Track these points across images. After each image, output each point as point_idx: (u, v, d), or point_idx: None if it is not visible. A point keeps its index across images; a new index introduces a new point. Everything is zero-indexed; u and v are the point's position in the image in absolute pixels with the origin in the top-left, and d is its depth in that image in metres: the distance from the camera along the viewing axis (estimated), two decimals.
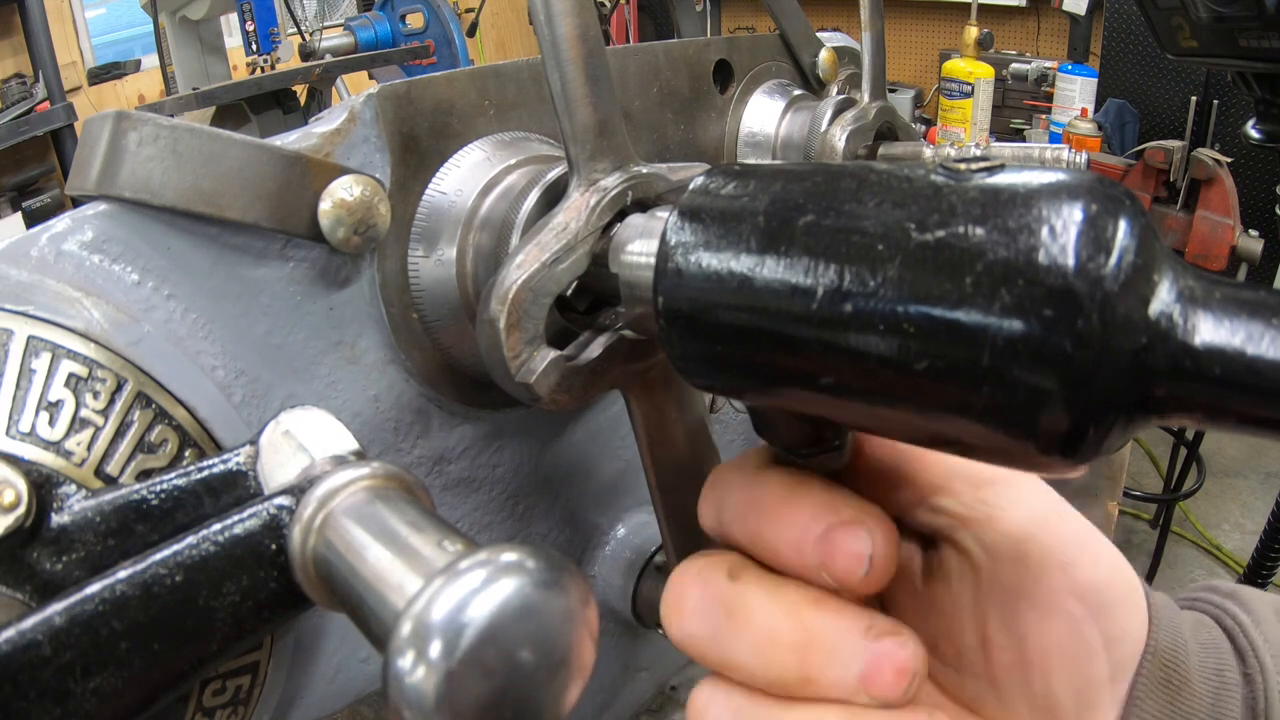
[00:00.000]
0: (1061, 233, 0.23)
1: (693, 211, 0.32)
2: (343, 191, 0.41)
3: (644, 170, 0.41)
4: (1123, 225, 0.23)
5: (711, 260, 0.30)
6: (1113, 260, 0.23)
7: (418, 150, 0.46)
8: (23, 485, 0.29)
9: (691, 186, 0.33)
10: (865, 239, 0.26)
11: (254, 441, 0.32)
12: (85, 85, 3.19)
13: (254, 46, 2.41)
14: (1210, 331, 0.23)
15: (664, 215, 0.35)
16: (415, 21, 2.83)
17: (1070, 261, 0.23)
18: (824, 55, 0.74)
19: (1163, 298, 0.24)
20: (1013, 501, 0.34)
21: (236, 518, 0.28)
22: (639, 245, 0.37)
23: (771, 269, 0.28)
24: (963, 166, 0.26)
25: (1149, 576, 2.33)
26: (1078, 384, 0.23)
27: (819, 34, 0.76)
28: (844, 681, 0.30)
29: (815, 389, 0.29)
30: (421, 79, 0.46)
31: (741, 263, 0.29)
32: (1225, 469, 2.75)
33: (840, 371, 0.27)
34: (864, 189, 0.28)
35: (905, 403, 0.27)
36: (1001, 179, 0.26)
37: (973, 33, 2.86)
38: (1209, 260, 1.81)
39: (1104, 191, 0.24)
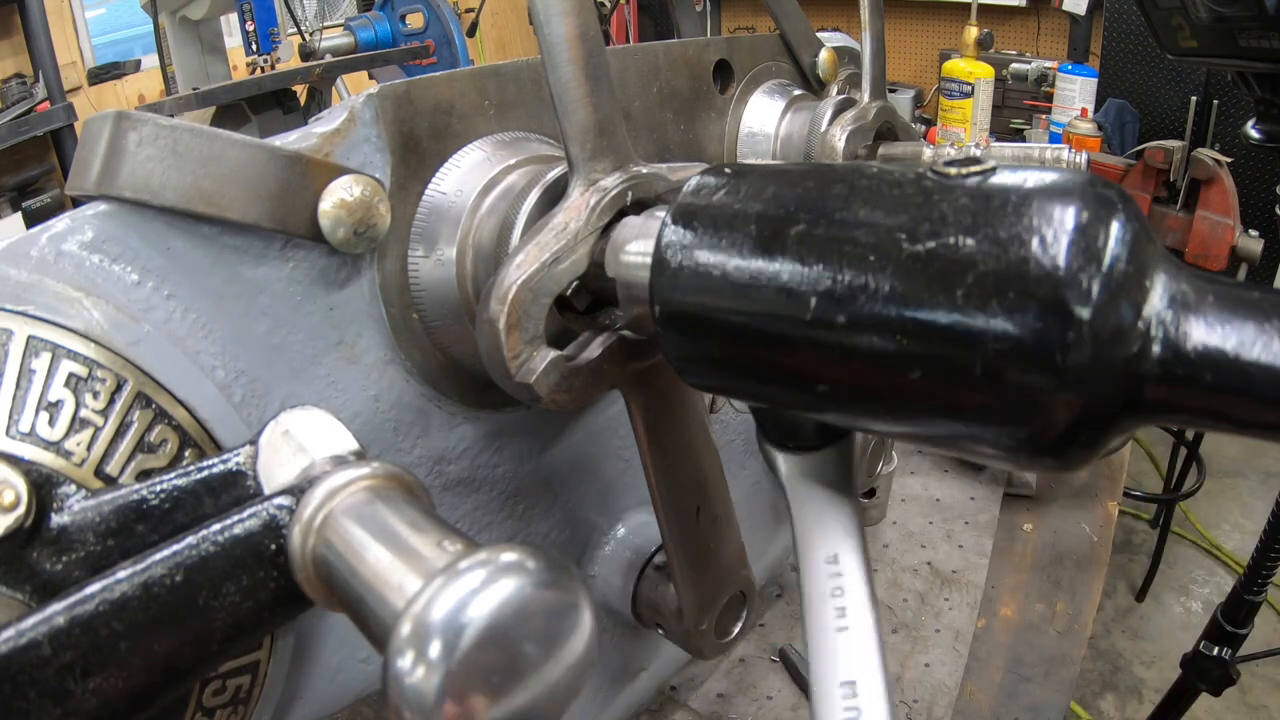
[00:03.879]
0: (1052, 243, 0.23)
1: (688, 213, 0.32)
2: (343, 191, 0.41)
3: (644, 170, 0.41)
4: (1114, 231, 0.23)
5: (707, 261, 0.30)
6: (1103, 269, 0.23)
7: (418, 150, 0.46)
8: (23, 485, 0.29)
9: (686, 188, 0.33)
10: (857, 249, 0.26)
11: (254, 441, 0.32)
12: (85, 85, 3.18)
13: (254, 46, 2.41)
14: (1202, 336, 0.23)
15: (661, 215, 0.35)
16: (415, 21, 2.83)
17: (1061, 272, 0.23)
18: (824, 55, 0.74)
19: (1155, 304, 0.24)
20: None
21: (236, 518, 0.28)
22: (636, 246, 0.37)
23: (765, 274, 0.28)
24: (954, 170, 0.26)
25: (1149, 576, 2.34)
26: (1069, 393, 0.23)
27: (819, 34, 0.76)
28: None
29: (810, 392, 0.29)
30: (421, 79, 0.46)
31: (736, 264, 0.29)
32: (1225, 469, 2.75)
33: (834, 376, 0.28)
34: (855, 195, 0.28)
35: (898, 407, 0.27)
36: (993, 183, 0.25)
37: (973, 33, 2.86)
38: (1209, 260, 1.81)
39: (1096, 195, 0.24)
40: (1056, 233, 0.23)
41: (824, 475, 0.37)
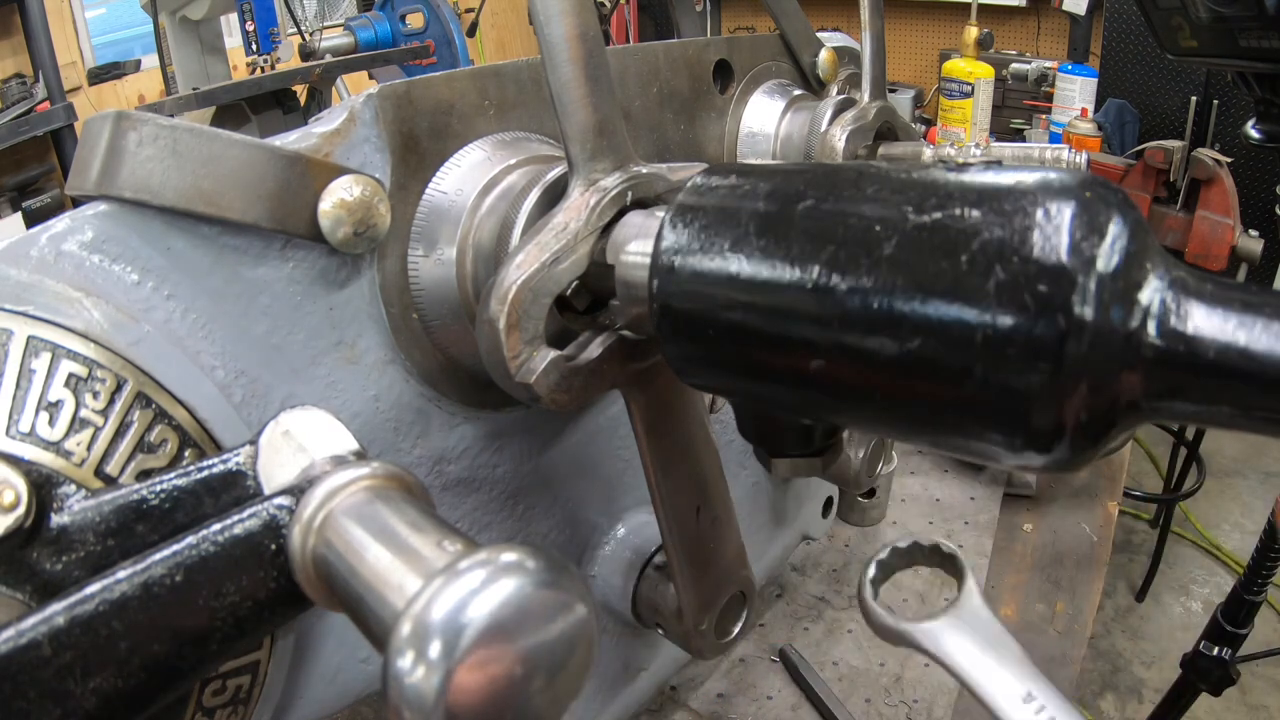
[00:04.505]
0: (1056, 214, 0.23)
1: (687, 212, 0.32)
2: (343, 191, 0.41)
3: (644, 170, 0.41)
4: (1113, 227, 0.24)
5: (706, 260, 0.30)
6: (1106, 242, 0.23)
7: (418, 150, 0.46)
8: (23, 485, 0.29)
9: (687, 186, 0.33)
10: (863, 221, 0.26)
11: (254, 441, 0.32)
12: (85, 85, 3.18)
13: (254, 46, 2.41)
14: (1203, 318, 0.23)
15: (661, 215, 0.35)
16: (415, 21, 2.83)
17: (1064, 240, 0.23)
18: (824, 55, 0.74)
19: (1155, 284, 0.24)
20: None
21: (236, 518, 0.28)
22: (636, 245, 0.37)
23: (763, 269, 0.28)
24: (960, 162, 0.27)
25: (1149, 576, 2.33)
26: (1067, 384, 0.23)
27: (819, 34, 0.76)
28: None
29: (809, 390, 0.29)
30: (421, 79, 0.46)
31: (735, 262, 0.29)
32: (1225, 469, 2.75)
33: (833, 372, 0.28)
34: (863, 179, 0.28)
35: (897, 403, 0.27)
36: (994, 178, 0.26)
37: (973, 33, 2.86)
38: (1209, 260, 1.80)
39: (1095, 192, 0.24)
40: (1060, 207, 0.23)
41: (969, 625, 0.38)
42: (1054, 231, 0.23)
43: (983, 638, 0.37)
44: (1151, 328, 0.23)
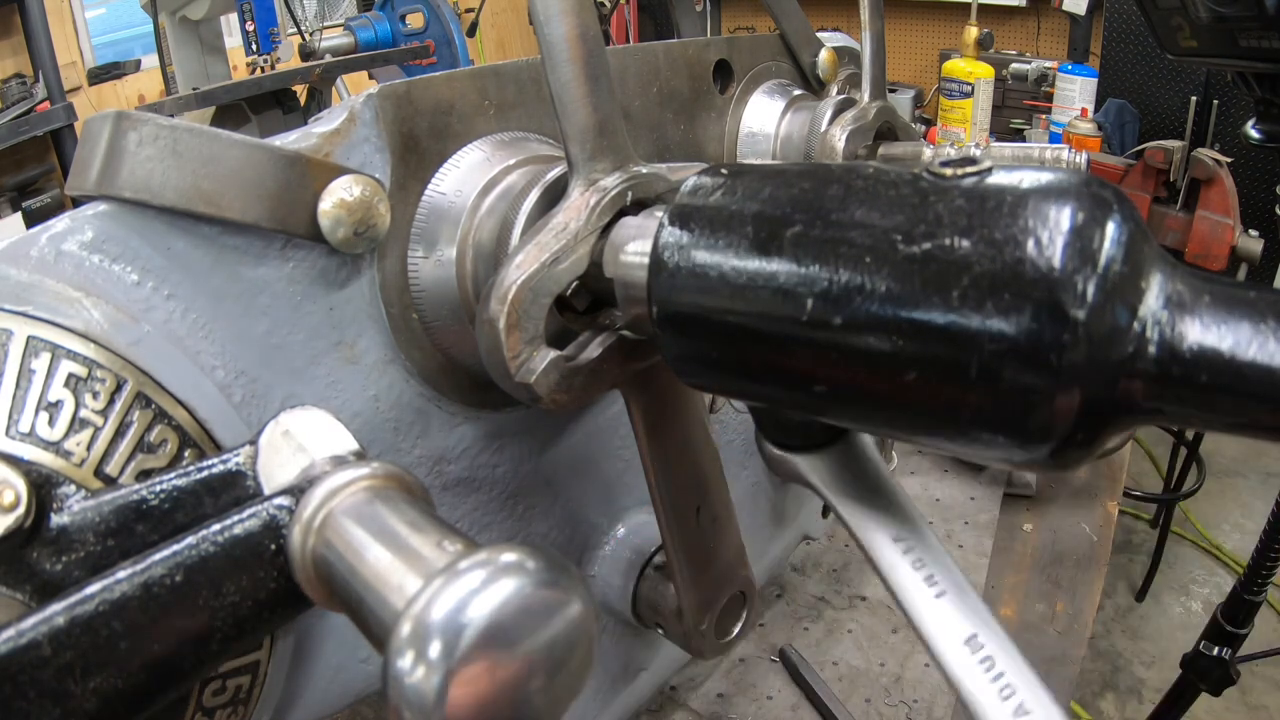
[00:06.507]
0: (1048, 245, 0.23)
1: (685, 213, 0.32)
2: (343, 191, 0.41)
3: (643, 170, 0.41)
4: (1110, 233, 0.23)
5: (704, 262, 0.30)
6: (1099, 270, 0.23)
7: (417, 150, 0.46)
8: (22, 485, 0.29)
9: (684, 188, 0.33)
10: (853, 250, 0.26)
11: (254, 441, 0.32)
12: (85, 85, 3.18)
13: (254, 46, 2.41)
14: (1197, 336, 0.23)
15: (660, 215, 0.35)
16: (415, 21, 2.83)
17: (1056, 273, 0.23)
18: (824, 55, 0.74)
19: (1150, 304, 0.24)
20: None
21: (236, 518, 0.28)
22: (635, 246, 0.37)
23: (761, 275, 0.29)
24: (949, 171, 0.26)
25: (1149, 576, 2.33)
26: (1064, 393, 0.23)
27: (819, 34, 0.76)
28: None
29: (807, 392, 0.29)
30: (421, 79, 0.46)
31: (733, 265, 0.29)
32: (1225, 469, 2.75)
33: (831, 376, 0.28)
34: (851, 196, 0.28)
35: (895, 406, 0.27)
36: (989, 184, 0.25)
37: (973, 33, 2.86)
38: (1209, 260, 1.80)
39: (1092, 195, 0.24)
40: (1052, 234, 0.23)
41: (850, 466, 0.37)
42: (1046, 264, 0.23)
43: (864, 472, 0.36)
44: (1148, 347, 0.23)
